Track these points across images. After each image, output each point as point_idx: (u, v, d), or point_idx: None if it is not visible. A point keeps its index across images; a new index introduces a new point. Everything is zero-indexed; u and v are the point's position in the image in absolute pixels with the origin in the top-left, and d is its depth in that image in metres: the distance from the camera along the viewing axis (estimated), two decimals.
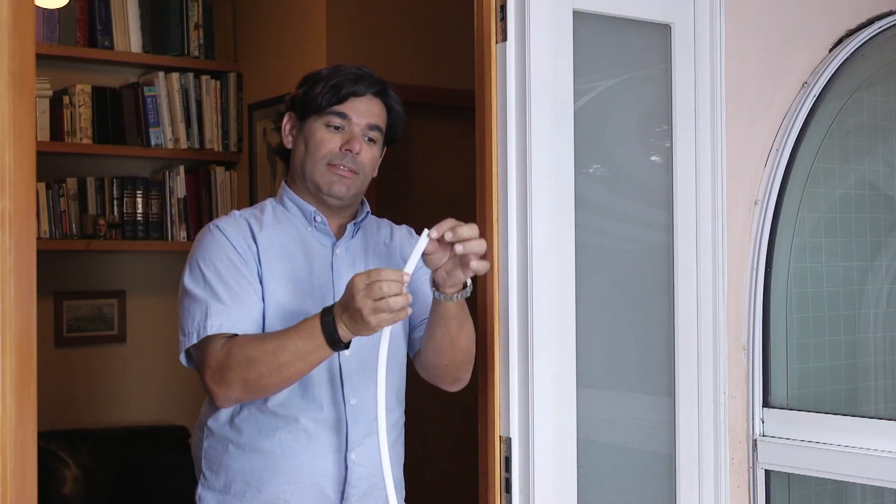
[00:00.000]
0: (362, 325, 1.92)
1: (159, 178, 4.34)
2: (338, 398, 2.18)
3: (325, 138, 2.21)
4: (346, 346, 1.99)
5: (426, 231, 1.96)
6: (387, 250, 2.32)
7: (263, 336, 2.08)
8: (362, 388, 2.20)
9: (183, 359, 2.16)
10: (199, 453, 2.25)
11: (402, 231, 2.40)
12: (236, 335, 2.09)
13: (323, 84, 2.22)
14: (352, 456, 2.18)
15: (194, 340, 2.09)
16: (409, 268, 1.93)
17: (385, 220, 2.40)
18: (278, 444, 2.15)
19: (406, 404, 2.33)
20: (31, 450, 1.44)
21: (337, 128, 2.21)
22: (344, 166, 2.20)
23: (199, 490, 2.22)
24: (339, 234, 2.27)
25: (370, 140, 2.24)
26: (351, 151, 2.20)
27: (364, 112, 2.23)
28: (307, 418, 2.15)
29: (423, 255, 1.97)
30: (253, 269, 2.15)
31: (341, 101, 2.21)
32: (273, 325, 2.14)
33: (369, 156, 2.24)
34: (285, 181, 2.31)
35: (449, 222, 1.97)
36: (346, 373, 2.18)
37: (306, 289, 2.18)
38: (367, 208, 2.33)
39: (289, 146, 2.27)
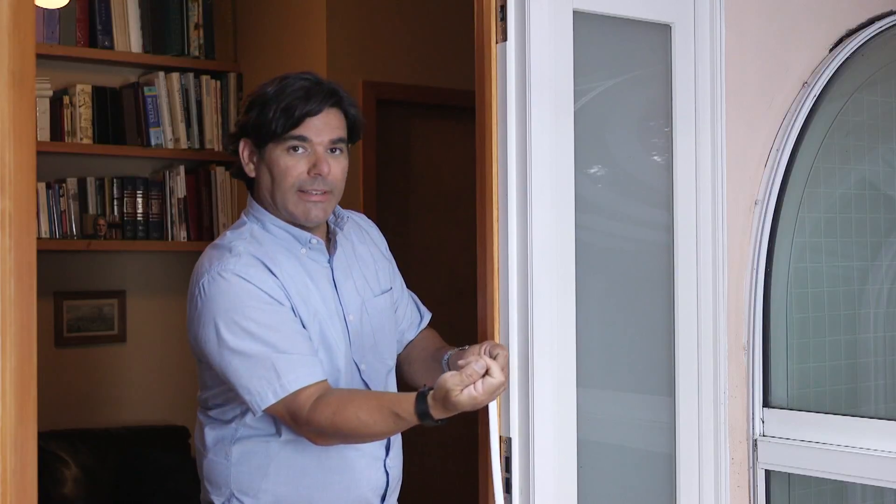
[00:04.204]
0: (453, 411, 1.92)
1: (159, 178, 4.34)
2: None
3: (290, 165, 2.09)
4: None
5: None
6: (367, 255, 2.30)
7: (359, 407, 1.98)
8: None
9: (258, 413, 2.04)
10: (218, 478, 2.14)
11: (362, 223, 2.36)
12: (322, 385, 2.02)
13: (274, 107, 2.08)
14: (388, 461, 2.22)
15: (272, 400, 2.00)
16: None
17: (343, 213, 2.28)
18: (326, 461, 2.14)
19: None
20: (31, 450, 1.44)
21: (298, 149, 2.09)
22: (315, 191, 2.10)
23: None
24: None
25: (337, 152, 2.13)
26: (320, 175, 2.09)
27: (323, 129, 2.11)
28: None
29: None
30: (289, 308, 2.07)
31: (297, 123, 2.08)
32: None
33: (339, 169, 2.13)
34: (255, 202, 2.19)
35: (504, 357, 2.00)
36: (371, 382, 2.21)
37: (325, 313, 2.15)
38: (339, 211, 2.26)
39: (252, 174, 2.16)
